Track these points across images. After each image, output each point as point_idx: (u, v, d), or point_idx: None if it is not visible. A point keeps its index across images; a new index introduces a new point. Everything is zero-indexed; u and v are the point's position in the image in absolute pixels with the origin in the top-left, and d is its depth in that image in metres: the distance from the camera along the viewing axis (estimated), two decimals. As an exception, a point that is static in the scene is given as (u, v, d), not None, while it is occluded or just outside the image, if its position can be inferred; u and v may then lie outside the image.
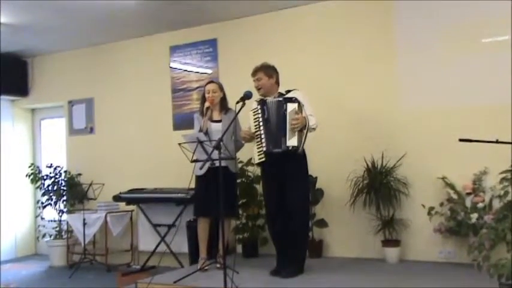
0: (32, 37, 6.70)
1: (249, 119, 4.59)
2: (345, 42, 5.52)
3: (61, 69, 7.55)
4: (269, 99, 4.55)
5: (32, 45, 7.13)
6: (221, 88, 5.03)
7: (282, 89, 4.67)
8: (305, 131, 4.39)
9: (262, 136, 4.45)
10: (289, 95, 4.54)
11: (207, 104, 4.86)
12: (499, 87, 4.73)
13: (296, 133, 4.36)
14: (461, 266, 4.68)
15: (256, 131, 4.51)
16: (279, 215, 4.54)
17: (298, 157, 4.43)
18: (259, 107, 4.51)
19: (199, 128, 4.83)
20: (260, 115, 4.49)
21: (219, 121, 4.90)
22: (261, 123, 4.48)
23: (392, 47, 5.27)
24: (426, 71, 5.10)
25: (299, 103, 4.39)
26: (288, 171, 4.43)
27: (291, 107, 4.38)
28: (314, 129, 4.47)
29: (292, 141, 4.35)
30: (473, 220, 4.47)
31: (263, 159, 4.47)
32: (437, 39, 5.05)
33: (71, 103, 7.48)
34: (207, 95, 4.92)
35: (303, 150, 4.47)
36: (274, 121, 4.44)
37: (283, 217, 4.53)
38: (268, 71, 4.65)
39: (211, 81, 5.14)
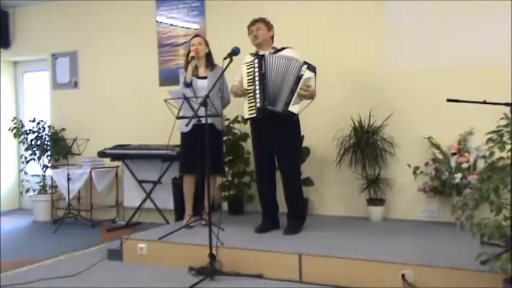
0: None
1: (241, 72, 4.49)
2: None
3: (44, 21, 7.36)
4: (266, 54, 4.44)
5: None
6: (207, 43, 4.96)
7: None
8: (307, 103, 4.36)
9: (257, 91, 4.33)
10: (283, 53, 4.46)
11: (192, 54, 4.78)
12: (489, 47, 4.71)
13: (300, 101, 4.31)
14: (444, 224, 4.76)
15: (249, 85, 4.39)
16: (268, 175, 4.56)
17: (291, 119, 4.37)
18: (256, 60, 4.38)
19: (184, 80, 4.76)
20: (256, 69, 4.35)
21: (205, 77, 4.83)
22: (256, 78, 4.34)
23: (381, 4, 5.19)
24: (415, 29, 5.04)
25: (315, 74, 4.32)
26: (280, 131, 4.40)
27: (308, 74, 4.29)
28: None
29: (294, 108, 4.29)
30: (457, 180, 4.51)
31: (254, 115, 4.37)
32: (428, -3, 4.99)
33: (55, 56, 7.32)
34: (192, 47, 4.83)
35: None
36: (278, 78, 4.31)
37: (272, 177, 4.58)
38: (268, 23, 4.60)
39: (196, 35, 5.07)
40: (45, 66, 7.48)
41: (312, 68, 4.32)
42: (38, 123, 7.00)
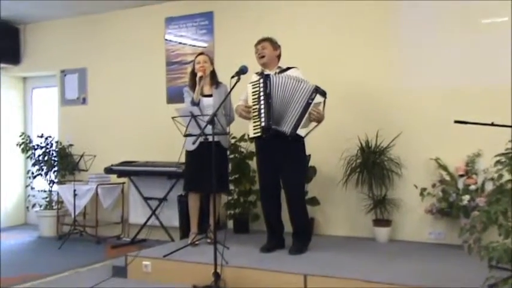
0: (25, 3, 6.56)
1: (247, 92, 4.50)
2: (341, 18, 5.45)
3: (54, 38, 7.44)
4: (271, 74, 4.43)
5: (25, 11, 7.00)
6: (211, 61, 5.00)
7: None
8: (314, 126, 4.36)
9: (262, 111, 4.32)
10: (288, 73, 4.47)
11: (199, 74, 4.79)
12: (497, 69, 4.70)
13: (308, 124, 4.32)
14: (450, 247, 4.71)
15: (254, 105, 4.39)
16: (273, 194, 4.53)
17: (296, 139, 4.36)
18: (261, 80, 4.37)
19: (191, 99, 4.78)
20: (262, 88, 4.33)
21: (210, 95, 4.84)
22: (261, 97, 4.33)
23: (390, 24, 5.21)
24: (424, 50, 5.05)
25: (325, 99, 4.33)
26: (285, 151, 4.37)
27: (319, 98, 4.29)
28: None
29: (302, 131, 4.28)
30: (465, 202, 4.48)
31: (258, 134, 4.37)
32: (436, 18, 5.00)
33: (64, 72, 7.39)
34: (197, 66, 4.84)
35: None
36: (284, 99, 4.29)
37: (277, 196, 4.55)
38: (274, 43, 4.63)
39: (201, 53, 5.09)
40: (54, 83, 7.54)
41: (322, 93, 4.31)
42: (46, 138, 7.03)
